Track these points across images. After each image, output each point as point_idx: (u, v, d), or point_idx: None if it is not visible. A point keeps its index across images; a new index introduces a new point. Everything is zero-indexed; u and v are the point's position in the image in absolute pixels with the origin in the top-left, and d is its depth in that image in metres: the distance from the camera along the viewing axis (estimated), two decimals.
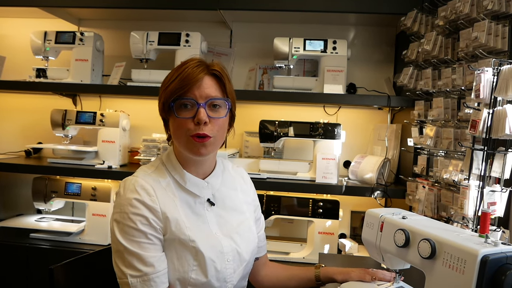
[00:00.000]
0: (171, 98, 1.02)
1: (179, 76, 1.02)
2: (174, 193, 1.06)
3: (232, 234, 1.11)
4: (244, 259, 1.12)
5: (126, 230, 0.98)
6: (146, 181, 1.02)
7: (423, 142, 1.66)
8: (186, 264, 1.01)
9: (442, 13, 1.60)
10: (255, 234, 1.20)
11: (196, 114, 1.01)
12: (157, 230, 1.00)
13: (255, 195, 1.29)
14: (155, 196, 1.01)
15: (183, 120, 1.02)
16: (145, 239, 0.98)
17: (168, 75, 1.06)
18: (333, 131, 2.04)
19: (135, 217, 0.98)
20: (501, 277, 0.76)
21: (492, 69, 1.24)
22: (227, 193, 1.16)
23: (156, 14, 2.35)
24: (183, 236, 1.01)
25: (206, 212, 1.10)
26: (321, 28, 2.35)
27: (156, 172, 1.08)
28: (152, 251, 0.99)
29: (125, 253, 0.98)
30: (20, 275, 2.07)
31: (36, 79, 2.26)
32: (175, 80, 1.02)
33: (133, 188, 1.00)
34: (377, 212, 1.10)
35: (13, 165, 2.18)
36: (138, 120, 2.43)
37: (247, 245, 1.13)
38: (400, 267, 1.10)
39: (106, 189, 2.11)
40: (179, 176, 1.08)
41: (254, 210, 1.25)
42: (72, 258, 1.21)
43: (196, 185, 1.09)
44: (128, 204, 0.99)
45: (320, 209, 1.99)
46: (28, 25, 2.49)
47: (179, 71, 1.03)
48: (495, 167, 1.27)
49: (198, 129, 1.01)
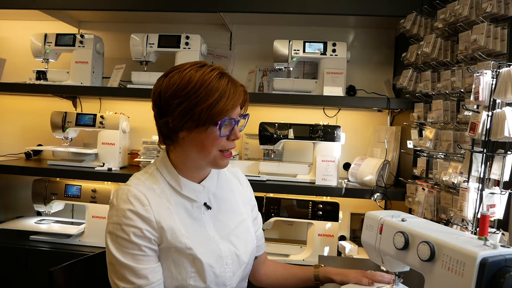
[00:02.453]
0: (219, 118, 0.99)
1: (226, 94, 0.99)
2: (169, 200, 1.04)
3: (230, 237, 1.10)
4: (243, 261, 1.11)
5: (119, 242, 0.97)
6: (139, 190, 1.00)
7: (423, 144, 1.66)
8: (184, 272, 1.00)
9: (441, 15, 1.60)
10: (253, 235, 1.19)
11: (233, 132, 1.03)
12: (152, 241, 0.99)
13: (252, 194, 1.29)
14: (148, 206, 0.99)
15: (218, 137, 1.01)
16: (138, 251, 0.97)
17: (202, 87, 0.98)
18: (332, 133, 2.05)
19: (129, 229, 0.97)
20: (500, 279, 0.76)
21: (491, 71, 1.24)
22: (223, 195, 1.16)
23: (156, 16, 2.35)
24: (180, 244, 1.00)
25: (203, 216, 1.09)
26: (321, 30, 2.36)
27: (150, 179, 1.06)
28: (146, 262, 0.98)
29: (117, 266, 0.97)
30: (20, 277, 2.07)
31: (36, 81, 2.27)
32: (224, 99, 0.98)
33: (126, 198, 0.99)
34: (377, 215, 1.10)
35: (13, 167, 2.18)
36: (138, 122, 2.43)
37: (245, 247, 1.13)
38: (399, 270, 1.10)
39: (106, 191, 2.11)
40: (175, 181, 1.07)
41: (252, 209, 1.25)
42: (72, 261, 1.21)
43: (193, 190, 1.08)
44: (122, 215, 0.97)
45: (320, 211, 1.99)
46: (29, 28, 2.50)
47: (223, 87, 0.99)
48: (494, 169, 1.27)
49: (232, 144, 1.04)
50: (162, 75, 1.06)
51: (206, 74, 0.99)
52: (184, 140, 1.03)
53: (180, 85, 0.99)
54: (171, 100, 1.00)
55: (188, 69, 1.01)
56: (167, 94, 1.00)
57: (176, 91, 0.99)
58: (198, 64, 1.03)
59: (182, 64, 1.05)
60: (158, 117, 1.05)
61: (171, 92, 1.00)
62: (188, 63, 1.04)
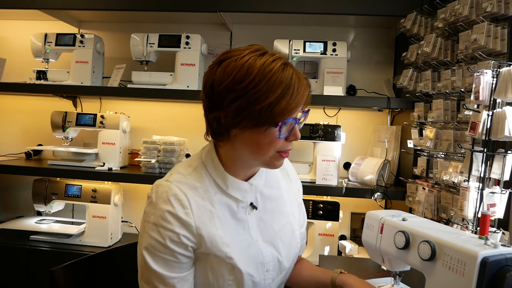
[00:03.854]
0: (281, 119, 0.86)
1: (290, 90, 0.85)
2: (212, 201, 0.95)
3: (274, 240, 1.02)
4: (285, 267, 1.04)
5: (153, 244, 0.90)
6: (181, 190, 0.91)
7: (423, 144, 1.66)
8: (221, 279, 0.93)
9: (442, 15, 1.60)
10: (298, 238, 1.10)
11: (293, 132, 0.91)
12: (188, 247, 0.91)
13: (300, 190, 1.18)
14: (189, 209, 0.90)
15: (277, 139, 0.89)
16: (171, 256, 0.90)
17: (264, 81, 0.84)
18: (333, 133, 2.05)
19: (165, 232, 0.89)
20: (501, 278, 0.76)
21: (492, 71, 1.25)
22: (270, 193, 1.06)
23: (156, 16, 2.35)
24: (219, 253, 0.92)
25: (248, 217, 1.00)
26: (321, 30, 2.36)
27: (193, 175, 0.96)
28: (177, 270, 0.91)
29: (146, 269, 0.91)
30: (20, 277, 2.07)
31: (36, 81, 2.27)
32: (287, 97, 0.85)
33: (166, 198, 0.90)
34: (377, 214, 1.10)
35: (13, 167, 2.19)
36: (139, 122, 2.43)
37: (288, 252, 1.05)
38: (400, 269, 1.10)
39: (106, 191, 2.11)
40: (221, 179, 0.97)
41: (299, 208, 1.15)
42: (73, 260, 1.21)
43: (239, 189, 0.98)
44: (159, 216, 0.89)
45: (320, 211, 1.99)
46: (29, 27, 2.50)
47: (287, 82, 0.85)
48: (494, 169, 1.28)
49: (290, 145, 0.93)
50: (215, 63, 0.91)
51: (268, 64, 0.85)
52: (237, 138, 0.91)
53: (237, 77, 0.85)
54: (226, 94, 0.86)
55: (247, 57, 0.87)
56: (221, 86, 0.87)
57: (232, 83, 0.85)
58: (258, 51, 0.89)
59: (238, 50, 0.90)
60: (209, 110, 0.92)
61: (226, 84, 0.86)
62: (246, 49, 0.90)
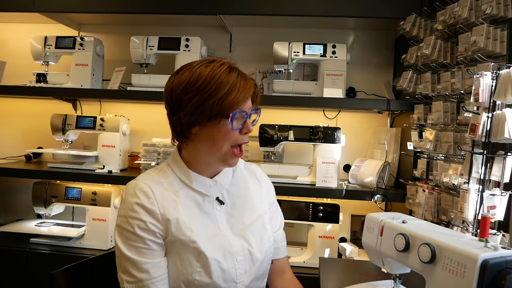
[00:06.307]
0: (231, 110, 0.99)
1: (236, 87, 1.00)
2: (176, 193, 1.05)
3: (244, 233, 1.09)
4: (257, 258, 1.09)
5: (124, 234, 1.00)
6: (146, 184, 1.03)
7: (423, 146, 1.66)
8: (189, 266, 1.00)
9: (441, 17, 1.61)
10: (270, 232, 1.17)
11: (245, 125, 1.04)
12: (156, 234, 1.00)
13: (270, 191, 1.27)
14: (154, 199, 1.01)
15: (231, 131, 1.01)
16: (142, 244, 0.99)
17: (213, 81, 0.99)
18: (333, 135, 2.05)
19: (134, 221, 0.99)
20: (501, 281, 0.76)
21: (491, 73, 1.25)
22: (238, 192, 1.16)
23: (156, 19, 2.36)
24: (183, 237, 1.01)
25: (216, 211, 1.09)
26: (321, 32, 2.36)
27: (159, 174, 1.08)
28: (149, 256, 0.99)
29: (121, 258, 1.00)
30: (20, 280, 2.06)
31: (36, 84, 2.27)
32: (234, 92, 0.99)
33: (133, 192, 1.02)
34: (377, 217, 1.10)
35: (13, 169, 2.19)
36: (138, 125, 2.43)
37: (260, 244, 1.11)
38: (400, 272, 1.10)
39: (106, 194, 2.11)
40: (184, 176, 1.08)
41: (269, 206, 1.23)
42: (73, 263, 1.21)
43: (203, 184, 1.08)
44: (128, 209, 1.01)
45: (320, 213, 1.99)
46: (29, 30, 2.50)
47: (233, 80, 1.00)
48: (494, 171, 1.27)
49: (245, 138, 1.05)
50: (173, 74, 1.07)
51: (216, 68, 1.01)
52: (197, 136, 1.04)
53: (191, 81, 1.00)
54: (183, 96, 1.01)
55: (198, 66, 1.02)
56: (178, 90, 1.02)
57: (186, 87, 1.01)
58: (207, 60, 1.04)
59: (192, 62, 1.06)
60: (171, 114, 1.06)
61: (182, 88, 1.01)
62: (198, 61, 1.06)
